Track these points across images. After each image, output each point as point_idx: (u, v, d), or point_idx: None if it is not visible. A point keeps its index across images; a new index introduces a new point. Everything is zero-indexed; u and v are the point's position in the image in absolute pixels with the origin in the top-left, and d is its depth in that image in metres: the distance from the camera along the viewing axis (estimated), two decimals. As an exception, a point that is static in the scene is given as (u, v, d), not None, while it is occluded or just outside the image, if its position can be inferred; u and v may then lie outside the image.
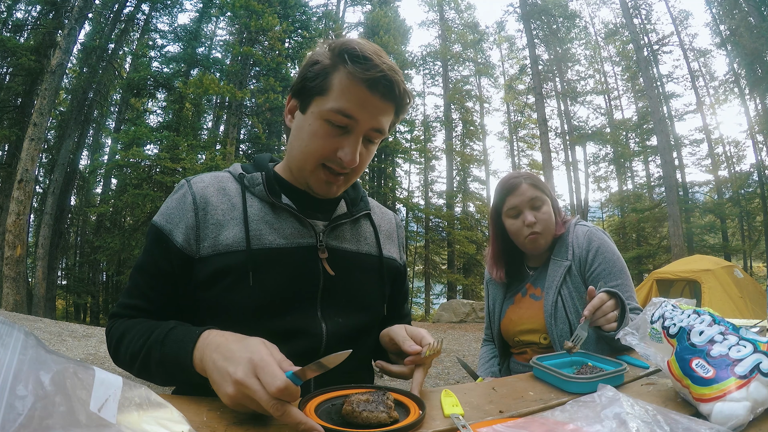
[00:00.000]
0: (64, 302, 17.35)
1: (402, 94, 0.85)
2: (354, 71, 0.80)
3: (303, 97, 0.88)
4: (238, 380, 0.60)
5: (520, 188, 1.47)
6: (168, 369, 0.75)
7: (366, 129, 0.85)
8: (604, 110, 22.92)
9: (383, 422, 0.61)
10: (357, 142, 0.84)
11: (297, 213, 0.91)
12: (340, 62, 0.82)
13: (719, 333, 0.72)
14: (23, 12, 14.43)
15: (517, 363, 1.50)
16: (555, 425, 0.58)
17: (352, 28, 22.37)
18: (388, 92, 0.83)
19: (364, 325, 0.95)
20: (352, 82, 0.81)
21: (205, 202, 0.88)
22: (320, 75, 0.84)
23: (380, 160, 20.57)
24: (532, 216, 1.44)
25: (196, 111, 17.65)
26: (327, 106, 0.83)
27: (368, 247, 1.01)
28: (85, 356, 5.63)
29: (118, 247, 13.89)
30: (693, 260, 8.50)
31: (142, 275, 0.88)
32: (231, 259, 0.84)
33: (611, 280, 1.38)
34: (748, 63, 15.41)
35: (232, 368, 0.62)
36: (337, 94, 0.82)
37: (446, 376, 5.57)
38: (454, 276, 20.22)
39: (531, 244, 1.46)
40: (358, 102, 0.82)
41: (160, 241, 0.86)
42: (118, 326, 0.86)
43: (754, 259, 19.36)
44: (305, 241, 0.90)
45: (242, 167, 0.97)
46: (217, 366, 0.65)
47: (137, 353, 0.79)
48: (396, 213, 1.23)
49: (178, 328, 0.77)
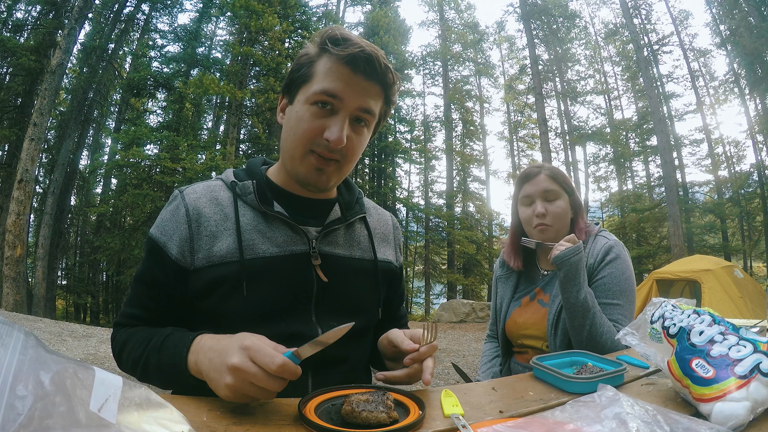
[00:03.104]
0: (64, 302, 17.35)
1: (384, 70, 0.85)
2: (334, 51, 0.82)
3: (291, 89, 0.89)
4: (234, 366, 0.62)
5: (537, 178, 1.46)
6: (166, 374, 0.78)
7: (352, 108, 0.84)
8: (604, 110, 22.93)
9: (383, 422, 0.61)
10: (343, 121, 0.84)
11: (289, 220, 0.91)
12: (323, 49, 0.84)
13: (719, 333, 0.72)
14: (23, 12, 14.46)
15: (518, 363, 1.50)
16: (555, 425, 0.58)
17: (352, 28, 22.36)
18: (370, 69, 0.83)
19: (359, 328, 0.95)
20: (334, 63, 0.83)
21: (198, 213, 0.89)
22: (305, 65, 0.87)
23: (380, 160, 20.58)
24: (542, 207, 1.43)
25: (196, 111, 17.65)
26: (312, 89, 0.84)
27: (362, 252, 1.00)
28: (85, 356, 5.63)
29: (118, 247, 13.89)
30: (693, 260, 8.49)
31: (141, 285, 0.90)
32: (225, 270, 0.85)
33: (608, 298, 1.34)
34: (748, 63, 15.41)
35: (227, 359, 0.63)
36: (321, 76, 0.84)
37: (446, 376, 5.56)
38: (454, 276, 20.22)
39: (540, 234, 1.45)
40: (341, 81, 0.83)
41: (155, 253, 0.88)
42: (120, 335, 0.89)
43: (754, 259, 19.37)
44: (298, 249, 0.90)
45: (234, 174, 0.97)
46: (212, 364, 0.67)
47: (138, 360, 0.82)
48: (396, 213, 1.23)
49: (174, 335, 0.80)
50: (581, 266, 1.28)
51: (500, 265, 1.67)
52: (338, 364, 0.92)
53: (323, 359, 0.89)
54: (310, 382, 0.88)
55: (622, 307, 1.34)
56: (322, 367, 0.89)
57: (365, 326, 0.98)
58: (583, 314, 1.25)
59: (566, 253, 1.28)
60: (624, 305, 1.34)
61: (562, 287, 1.30)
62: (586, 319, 1.25)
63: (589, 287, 1.37)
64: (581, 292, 1.26)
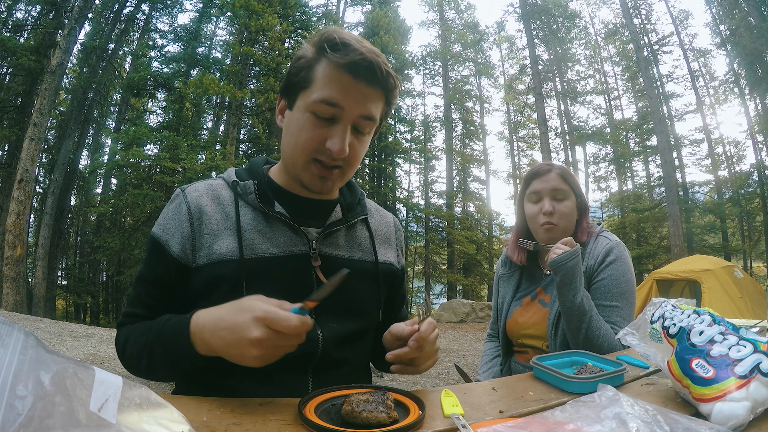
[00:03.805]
0: (64, 302, 17.35)
1: (386, 76, 0.83)
2: (334, 58, 0.80)
3: (290, 93, 0.88)
4: (257, 339, 0.65)
5: (548, 175, 1.45)
6: (172, 360, 0.78)
7: (354, 116, 0.83)
8: (604, 110, 22.93)
9: (383, 422, 0.61)
10: (345, 130, 0.83)
11: (290, 221, 0.90)
12: (321, 53, 0.82)
13: (719, 333, 0.72)
14: (23, 12, 14.45)
15: (518, 363, 1.50)
16: (555, 425, 0.58)
17: (352, 28, 22.35)
18: (371, 76, 0.81)
19: (360, 329, 0.95)
20: (334, 70, 0.81)
21: (199, 211, 0.89)
22: (304, 68, 0.84)
23: (380, 160, 20.57)
24: (550, 205, 1.42)
25: (196, 111, 17.63)
26: (312, 97, 0.82)
27: (363, 254, 0.99)
28: (85, 356, 5.63)
29: (118, 247, 13.88)
30: (693, 260, 8.48)
31: (143, 285, 0.91)
32: (225, 268, 0.85)
33: (608, 299, 1.34)
34: (748, 63, 15.41)
35: (245, 333, 0.65)
36: (321, 84, 0.82)
37: (446, 376, 5.56)
38: (454, 276, 20.21)
39: (545, 233, 1.44)
40: (342, 89, 0.81)
41: (157, 251, 0.88)
42: (122, 333, 0.89)
43: (754, 259, 19.36)
44: (298, 250, 0.90)
45: (236, 173, 0.97)
46: (227, 341, 0.68)
47: (141, 352, 0.82)
48: (396, 214, 1.23)
49: (173, 320, 0.80)
50: (577, 270, 1.28)
51: (502, 264, 1.67)
52: (339, 366, 0.91)
53: (323, 361, 0.89)
54: (311, 384, 0.87)
55: (620, 309, 1.34)
56: (322, 369, 0.89)
57: (365, 328, 0.98)
58: (580, 317, 1.26)
59: (563, 258, 1.28)
60: (623, 307, 1.34)
61: (558, 291, 1.30)
62: (582, 323, 1.25)
63: (589, 289, 1.37)
64: (577, 296, 1.27)
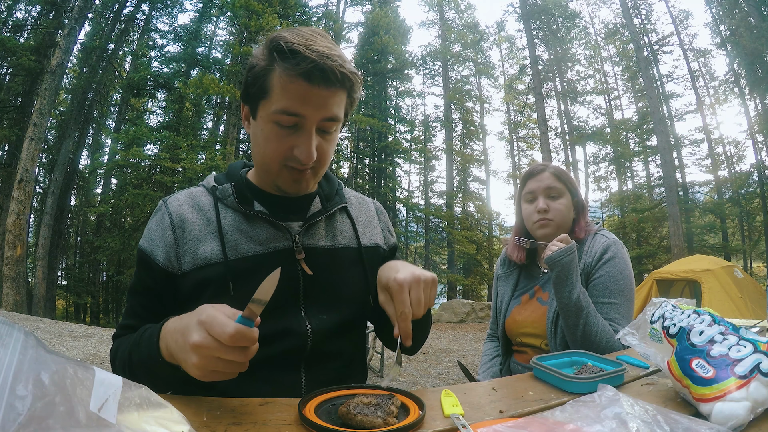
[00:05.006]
0: (64, 302, 17.36)
1: (343, 78, 0.80)
2: (286, 68, 0.78)
3: (250, 102, 0.87)
4: (195, 344, 0.61)
5: (542, 175, 1.48)
6: (148, 368, 0.76)
7: (316, 121, 0.82)
8: (604, 110, 22.92)
9: (377, 427, 0.60)
10: (310, 137, 0.82)
11: (270, 218, 0.91)
12: (273, 61, 0.80)
13: (719, 333, 0.72)
14: (23, 12, 14.46)
15: (517, 363, 1.50)
16: (555, 425, 0.58)
17: (352, 28, 22.37)
18: (327, 80, 0.79)
19: (349, 318, 0.95)
20: (288, 78, 0.79)
21: (181, 219, 0.90)
22: (259, 77, 0.83)
23: (380, 160, 20.58)
24: (544, 203, 1.44)
25: (196, 111, 17.65)
26: (272, 108, 0.81)
27: (346, 241, 0.99)
28: (85, 356, 5.64)
29: (118, 247, 13.89)
30: (693, 260, 8.48)
31: (134, 296, 0.93)
32: (210, 271, 0.86)
33: (605, 296, 1.34)
34: (748, 63, 15.41)
35: (188, 337, 0.62)
36: (278, 94, 0.80)
37: (446, 376, 5.57)
38: (454, 276, 20.21)
39: (540, 229, 1.46)
40: (299, 98, 0.80)
41: (144, 262, 0.90)
42: (114, 345, 0.91)
43: (754, 259, 19.36)
44: (281, 245, 0.91)
45: (215, 179, 0.98)
46: (178, 345, 0.66)
47: (124, 363, 0.82)
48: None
49: (150, 328, 0.79)
50: (573, 266, 1.29)
51: (501, 263, 1.68)
52: (331, 359, 0.91)
53: (315, 355, 0.88)
54: (303, 378, 0.87)
55: (618, 306, 1.34)
56: (314, 363, 0.89)
57: (355, 317, 0.97)
58: (577, 314, 1.26)
59: (558, 254, 1.29)
60: (621, 304, 1.34)
61: (555, 287, 1.31)
62: (579, 319, 1.26)
63: (587, 286, 1.38)
64: (574, 292, 1.27)
